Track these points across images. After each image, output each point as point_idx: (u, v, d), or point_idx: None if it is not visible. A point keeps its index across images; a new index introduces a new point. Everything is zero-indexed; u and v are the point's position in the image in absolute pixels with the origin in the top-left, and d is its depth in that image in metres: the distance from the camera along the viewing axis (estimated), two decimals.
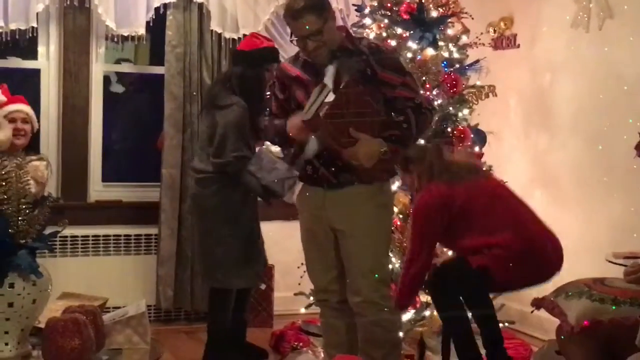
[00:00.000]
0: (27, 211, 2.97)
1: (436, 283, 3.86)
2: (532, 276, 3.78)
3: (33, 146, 4.89)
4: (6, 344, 2.94)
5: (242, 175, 4.42)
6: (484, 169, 4.15)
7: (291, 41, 3.67)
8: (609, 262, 3.98)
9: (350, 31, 3.79)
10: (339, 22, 5.02)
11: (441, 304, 3.88)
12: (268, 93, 4.36)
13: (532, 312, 3.60)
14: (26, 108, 4.70)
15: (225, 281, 4.50)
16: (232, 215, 4.46)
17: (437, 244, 3.97)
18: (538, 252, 3.73)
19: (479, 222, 3.78)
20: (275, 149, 4.42)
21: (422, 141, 4.35)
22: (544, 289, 3.71)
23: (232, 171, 4.41)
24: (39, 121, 4.97)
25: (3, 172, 2.97)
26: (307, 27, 3.47)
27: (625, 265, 3.61)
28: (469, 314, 3.91)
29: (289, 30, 3.66)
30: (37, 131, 4.93)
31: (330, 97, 3.44)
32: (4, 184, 2.96)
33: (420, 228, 3.78)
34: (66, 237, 5.31)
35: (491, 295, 3.89)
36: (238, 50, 4.74)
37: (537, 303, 3.53)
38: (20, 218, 2.95)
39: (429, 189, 3.84)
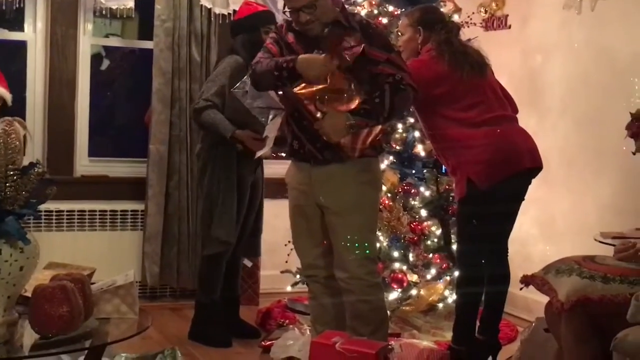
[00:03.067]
0: (15, 178, 2.92)
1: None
2: (508, 169, 3.99)
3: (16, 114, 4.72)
4: None
5: (202, 116, 4.41)
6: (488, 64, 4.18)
7: (284, 12, 3.63)
8: (598, 242, 3.98)
9: (345, 6, 3.74)
10: None
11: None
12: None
13: (520, 289, 3.57)
14: None
15: (205, 246, 4.61)
16: (210, 174, 4.52)
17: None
18: (506, 146, 4.00)
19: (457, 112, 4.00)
20: None
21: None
22: (532, 268, 3.69)
23: (197, 112, 4.42)
24: (24, 94, 4.85)
25: None
26: None
27: (613, 245, 3.60)
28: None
29: (280, 4, 3.62)
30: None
31: None
32: None
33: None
34: (51, 211, 5.28)
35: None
36: (234, 21, 4.73)
37: (526, 280, 3.50)
38: (7, 184, 2.90)
39: (431, 58, 4.01)
